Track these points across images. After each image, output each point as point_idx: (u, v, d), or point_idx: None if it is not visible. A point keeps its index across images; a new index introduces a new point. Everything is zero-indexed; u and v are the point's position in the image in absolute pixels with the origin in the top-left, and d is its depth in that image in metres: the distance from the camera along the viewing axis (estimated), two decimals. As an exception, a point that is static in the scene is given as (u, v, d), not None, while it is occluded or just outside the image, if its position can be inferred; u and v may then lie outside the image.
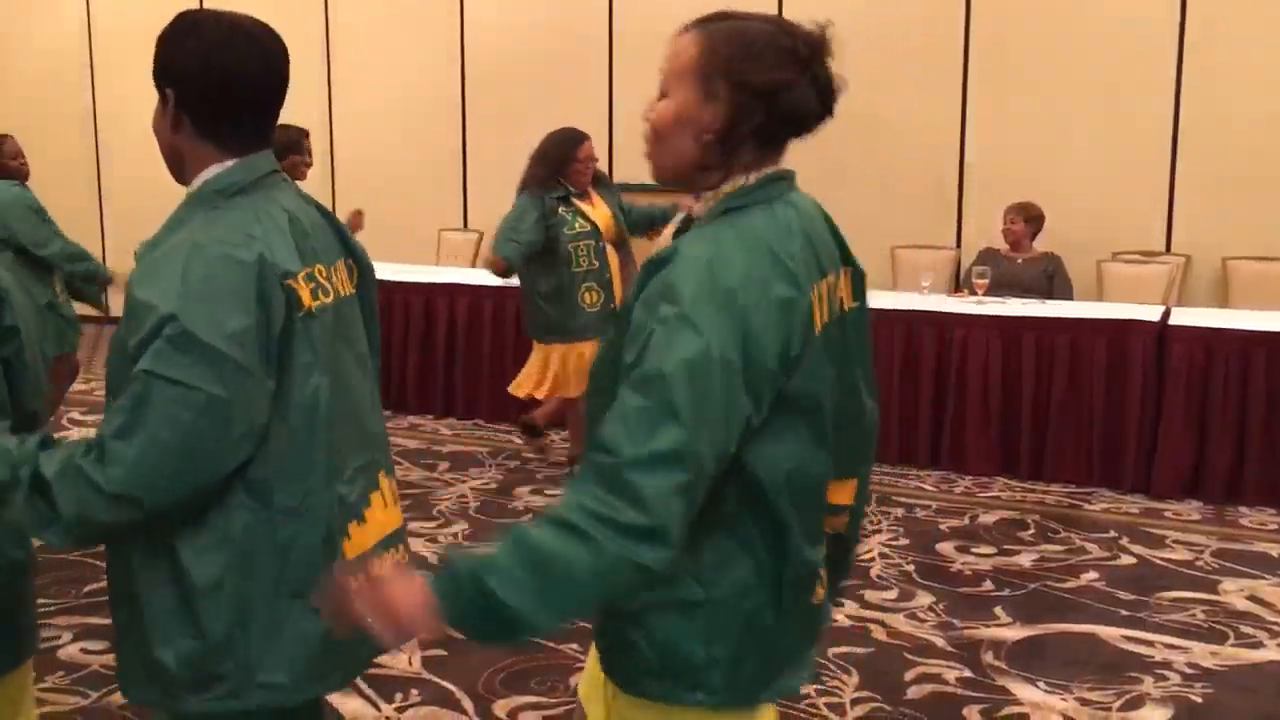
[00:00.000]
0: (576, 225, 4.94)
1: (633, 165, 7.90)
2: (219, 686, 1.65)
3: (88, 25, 9.68)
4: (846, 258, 1.66)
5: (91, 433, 1.60)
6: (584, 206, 5.01)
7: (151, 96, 1.73)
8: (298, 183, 6.43)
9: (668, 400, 1.36)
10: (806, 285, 1.48)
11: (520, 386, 5.25)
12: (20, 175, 5.08)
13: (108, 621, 3.81)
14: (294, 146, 5.69)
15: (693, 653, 1.52)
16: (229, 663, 1.64)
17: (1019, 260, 6.21)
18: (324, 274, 1.74)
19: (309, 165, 5.66)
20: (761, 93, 1.49)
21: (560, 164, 4.94)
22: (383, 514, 1.79)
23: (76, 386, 6.21)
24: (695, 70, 1.51)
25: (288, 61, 1.76)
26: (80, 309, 5.20)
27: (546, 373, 5.10)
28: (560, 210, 4.93)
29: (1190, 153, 6.62)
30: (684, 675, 1.53)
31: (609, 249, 5.05)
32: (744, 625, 1.53)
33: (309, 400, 1.66)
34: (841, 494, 1.67)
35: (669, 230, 1.68)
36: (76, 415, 6.46)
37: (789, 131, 1.55)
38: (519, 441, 5.96)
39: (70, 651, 3.48)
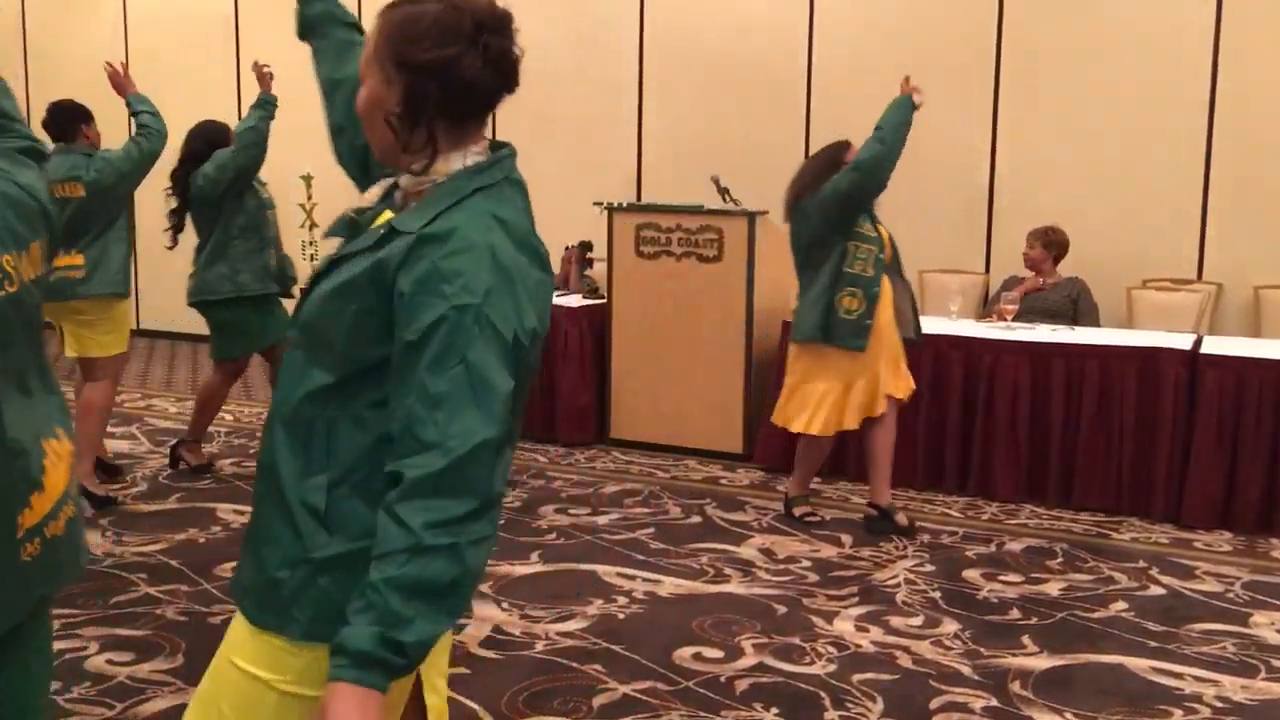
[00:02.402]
0: (863, 227, 4.84)
1: (661, 184, 7.93)
2: None
3: (124, 32, 9.82)
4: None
5: None
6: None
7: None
8: None
9: (482, 387, 1.44)
10: (549, 264, 1.61)
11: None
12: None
13: (135, 633, 3.79)
14: None
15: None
16: None
17: (1042, 285, 6.18)
18: (11, 263, 1.59)
19: None
20: (427, 70, 1.53)
21: (835, 166, 4.86)
22: (55, 474, 1.69)
23: None
24: (376, 56, 1.58)
25: None
26: None
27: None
28: None
29: (1222, 180, 6.59)
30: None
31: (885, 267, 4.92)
32: None
33: None
34: None
35: (372, 193, 1.66)
36: None
37: (471, 106, 1.58)
38: (543, 459, 5.96)
39: (97, 662, 3.49)
